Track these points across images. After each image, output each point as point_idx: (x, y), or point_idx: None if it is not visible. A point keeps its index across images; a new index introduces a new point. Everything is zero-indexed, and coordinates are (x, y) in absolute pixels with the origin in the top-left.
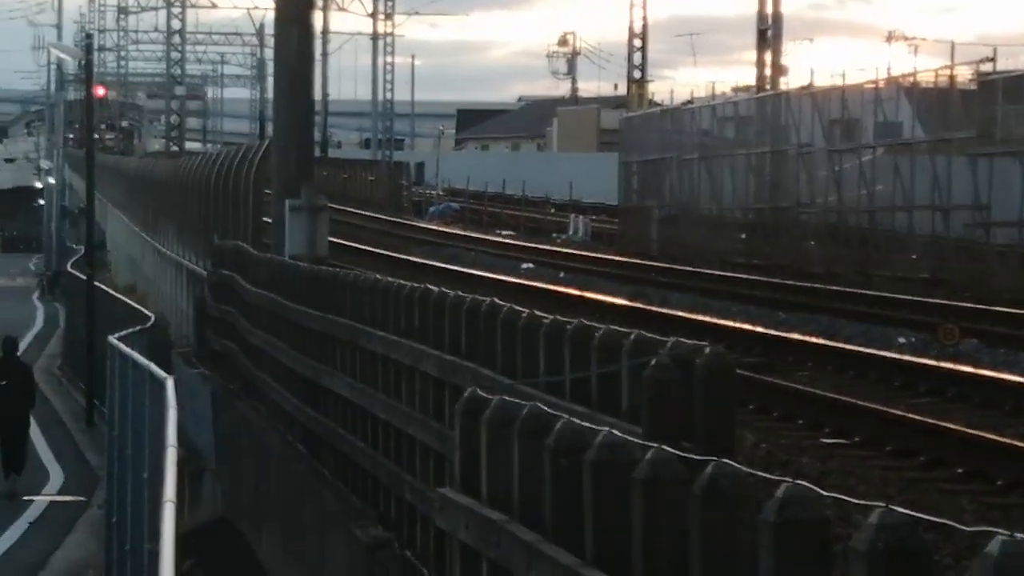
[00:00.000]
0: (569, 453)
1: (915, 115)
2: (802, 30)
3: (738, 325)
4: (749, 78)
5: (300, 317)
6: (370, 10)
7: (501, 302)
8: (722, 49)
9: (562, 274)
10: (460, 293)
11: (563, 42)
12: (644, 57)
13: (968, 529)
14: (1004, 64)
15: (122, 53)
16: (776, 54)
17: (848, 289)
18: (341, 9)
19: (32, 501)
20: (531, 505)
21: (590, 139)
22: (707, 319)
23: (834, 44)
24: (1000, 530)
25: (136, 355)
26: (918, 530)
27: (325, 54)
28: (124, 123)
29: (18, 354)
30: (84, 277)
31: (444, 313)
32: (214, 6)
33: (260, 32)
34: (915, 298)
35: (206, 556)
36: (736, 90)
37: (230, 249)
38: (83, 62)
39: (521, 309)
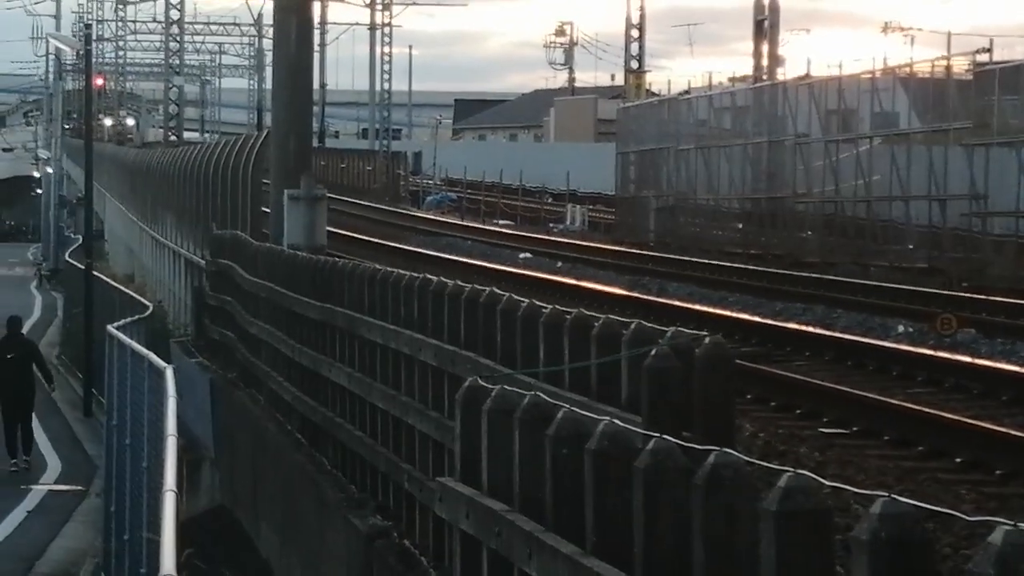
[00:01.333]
0: (570, 443)
1: (911, 105)
2: (799, 21)
3: (735, 315)
4: (746, 68)
5: (298, 306)
6: (368, 0)
7: (500, 292)
8: (719, 40)
9: (559, 264)
10: (459, 283)
11: (560, 32)
12: (641, 47)
13: (970, 519)
14: (1000, 55)
15: (120, 43)
16: (773, 44)
17: (845, 279)
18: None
19: (30, 490)
20: (532, 495)
21: (587, 129)
22: (704, 309)
23: (831, 35)
24: (1002, 520)
25: (135, 344)
26: (920, 520)
27: (323, 44)
28: (123, 114)
29: (23, 332)
30: (82, 267)
31: (443, 302)
32: None
33: (259, 22)
34: (912, 288)
35: (204, 545)
36: (733, 80)
37: (228, 238)
38: (82, 52)
39: (520, 299)
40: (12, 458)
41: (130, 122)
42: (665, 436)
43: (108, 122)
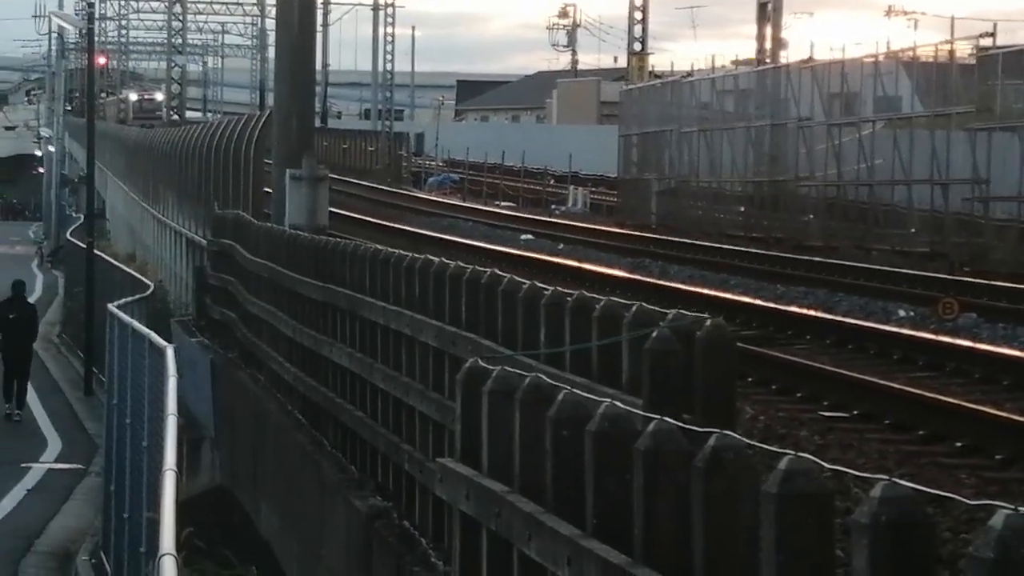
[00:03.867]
0: (571, 424)
1: (914, 89)
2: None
3: (736, 298)
4: (749, 51)
5: (300, 287)
6: None
7: (502, 273)
8: (723, 22)
9: (561, 246)
10: (461, 264)
11: (563, 14)
12: (644, 30)
13: (971, 502)
14: (1003, 39)
15: (123, 22)
16: (776, 28)
17: (847, 262)
18: None
19: (30, 468)
20: (532, 476)
21: (590, 111)
22: (706, 291)
23: (834, 18)
24: (1003, 504)
25: (136, 323)
26: (921, 503)
27: (326, 24)
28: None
29: (25, 295)
30: (83, 245)
31: (444, 284)
32: None
33: (261, 2)
34: (914, 272)
35: (204, 525)
36: (736, 63)
37: (230, 218)
38: (84, 31)
39: (522, 280)
40: (7, 402)
41: (159, 97)
42: (666, 418)
43: (134, 96)
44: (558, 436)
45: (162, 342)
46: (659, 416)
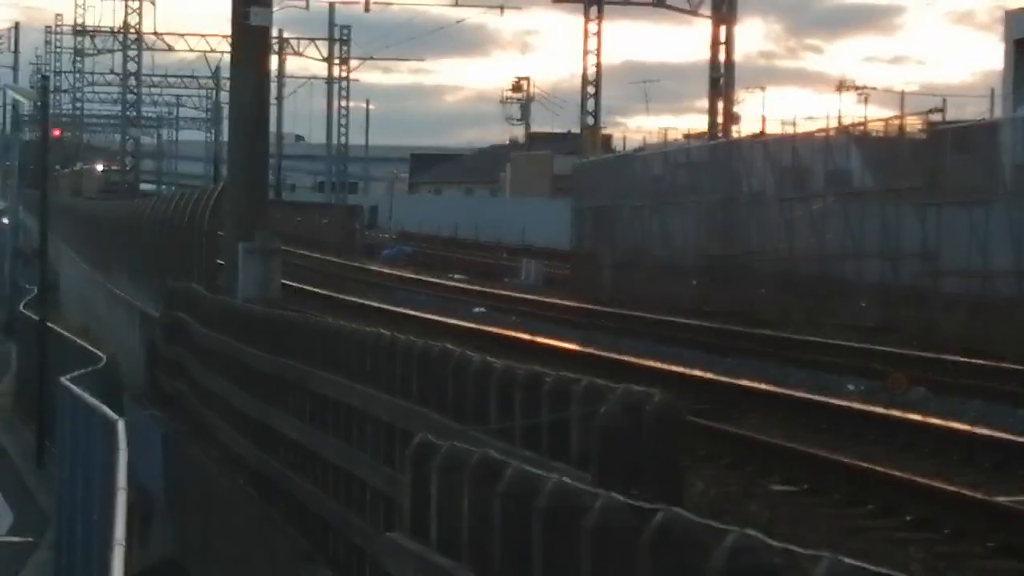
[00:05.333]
0: (519, 499)
1: (865, 164)
2: (754, 78)
3: (688, 371)
4: (701, 125)
5: (251, 359)
6: (325, 55)
7: (453, 347)
8: (675, 96)
9: (514, 318)
10: (412, 337)
11: (517, 88)
12: (597, 103)
13: None
14: (953, 114)
15: (78, 95)
16: (728, 102)
17: (798, 336)
18: (297, 53)
19: None
20: (481, 551)
21: (544, 184)
22: (658, 365)
23: (785, 92)
24: None
25: (87, 396)
26: None
27: (280, 97)
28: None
29: None
30: (36, 318)
31: (395, 357)
32: (171, 49)
33: (216, 75)
34: (864, 345)
35: None
36: (688, 137)
37: (183, 291)
38: (39, 104)
39: (473, 354)
40: None
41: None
42: (613, 494)
43: (100, 168)
44: (506, 511)
45: (113, 415)
46: (607, 491)
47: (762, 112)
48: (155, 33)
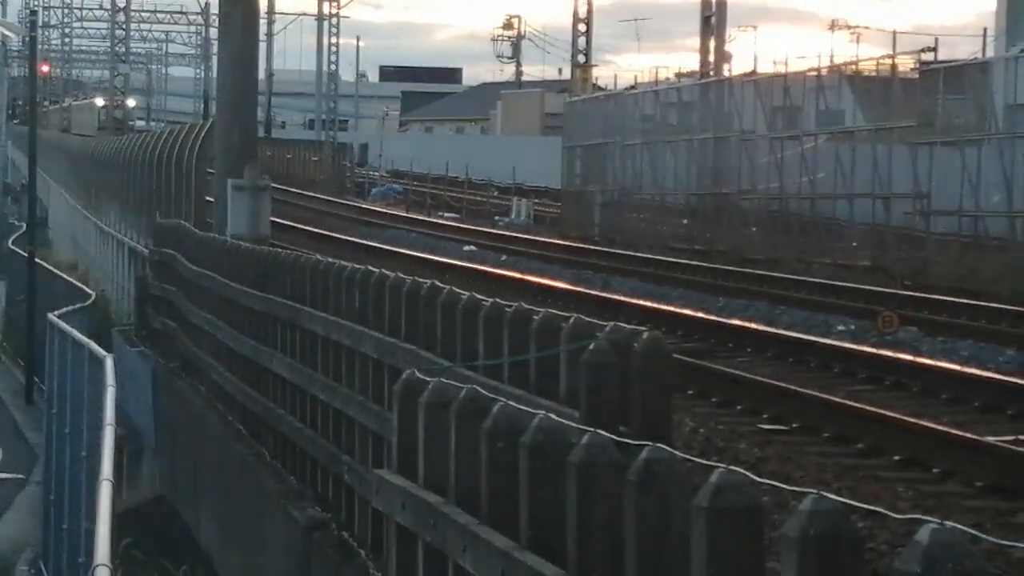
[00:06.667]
0: (505, 436)
1: (857, 103)
2: (746, 17)
3: (678, 310)
4: (693, 64)
5: (241, 297)
6: None
7: (441, 284)
8: (666, 35)
9: (504, 257)
10: (400, 275)
11: (508, 26)
12: (588, 42)
13: (900, 517)
14: (945, 54)
15: (66, 30)
16: (720, 41)
17: (788, 276)
18: None
19: None
20: (467, 488)
21: (534, 123)
22: (647, 304)
23: (777, 32)
24: (931, 518)
25: (75, 333)
26: (850, 517)
27: (270, 34)
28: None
29: None
30: (25, 254)
31: (384, 295)
32: None
33: (205, 11)
34: (855, 285)
35: (144, 535)
36: (679, 76)
37: (172, 228)
38: (27, 39)
39: (461, 292)
40: None
41: (131, 103)
42: (600, 431)
43: (101, 102)
44: (493, 448)
45: (101, 352)
46: (593, 429)
47: (754, 51)
48: None
